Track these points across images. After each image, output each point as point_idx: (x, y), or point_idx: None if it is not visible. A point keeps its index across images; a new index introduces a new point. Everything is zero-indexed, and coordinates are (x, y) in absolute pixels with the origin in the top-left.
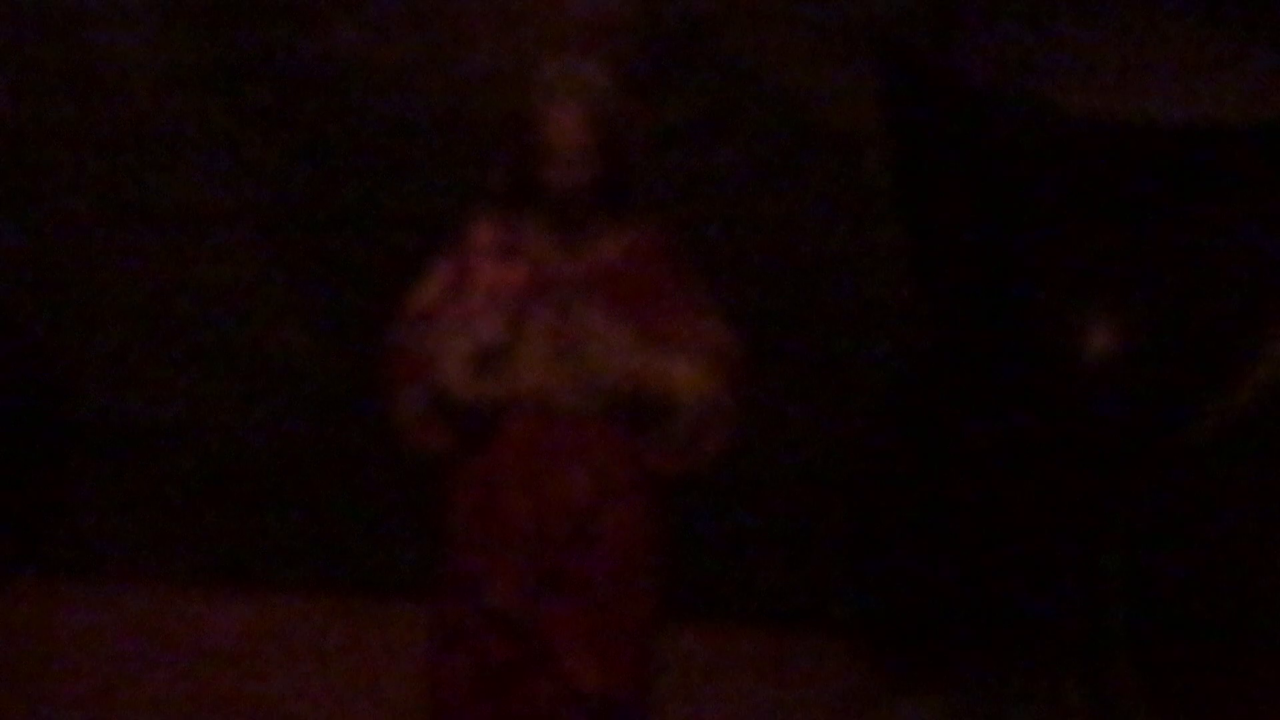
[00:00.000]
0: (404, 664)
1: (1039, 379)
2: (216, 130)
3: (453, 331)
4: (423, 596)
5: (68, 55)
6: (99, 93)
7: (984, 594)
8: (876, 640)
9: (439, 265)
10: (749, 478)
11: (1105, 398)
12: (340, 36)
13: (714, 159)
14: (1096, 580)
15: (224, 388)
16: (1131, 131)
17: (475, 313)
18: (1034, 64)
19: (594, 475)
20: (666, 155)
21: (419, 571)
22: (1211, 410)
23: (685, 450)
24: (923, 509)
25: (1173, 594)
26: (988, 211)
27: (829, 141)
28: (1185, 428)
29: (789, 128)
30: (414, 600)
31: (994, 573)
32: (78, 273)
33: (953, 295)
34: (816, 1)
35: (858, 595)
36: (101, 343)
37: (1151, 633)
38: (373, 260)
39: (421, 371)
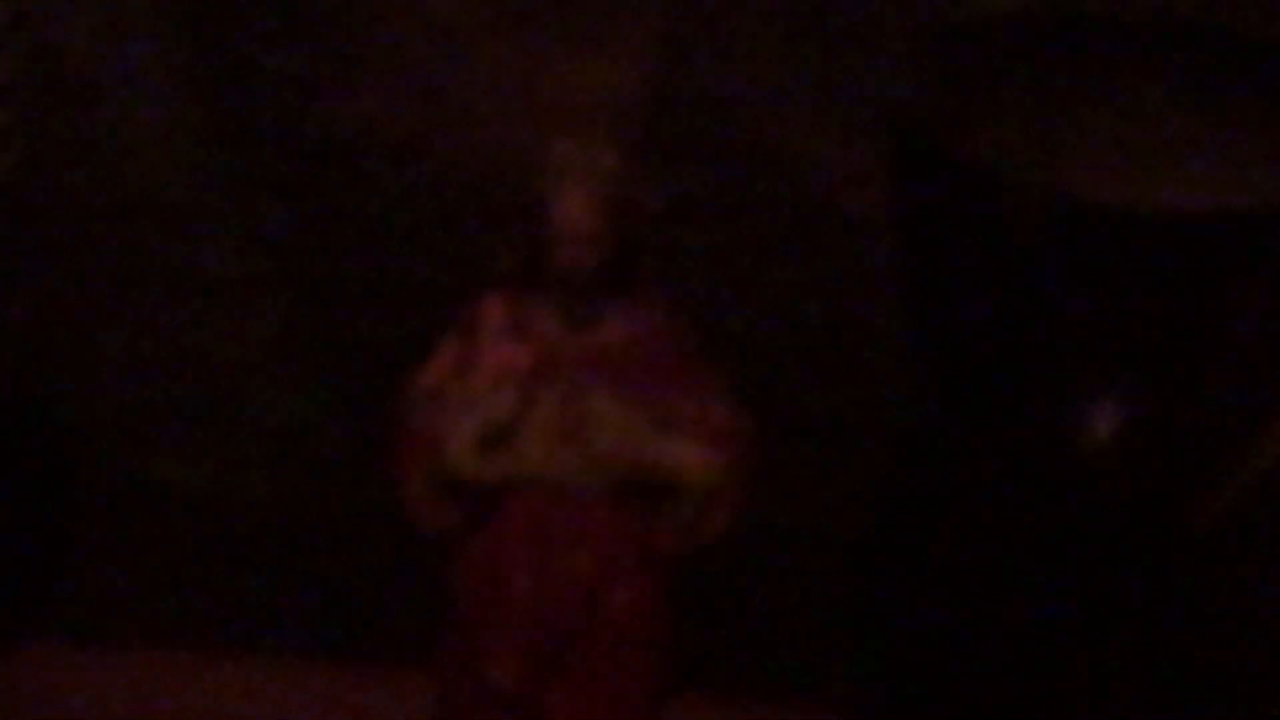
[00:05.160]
0: None
1: (1041, 461)
2: (227, 199)
3: (460, 410)
4: (430, 666)
5: (79, 123)
6: (110, 160)
7: (987, 672)
8: (877, 715)
9: (446, 343)
10: (752, 550)
11: (1109, 481)
12: (350, 107)
13: (728, 234)
14: (1102, 662)
15: (233, 455)
16: (1138, 218)
17: (482, 391)
18: (1043, 149)
19: (599, 555)
20: (679, 230)
21: (426, 641)
22: (1217, 494)
23: (691, 531)
24: (926, 586)
25: (1178, 677)
26: (993, 294)
27: (844, 220)
28: (1190, 512)
29: (804, 205)
30: (421, 669)
31: (997, 651)
32: (87, 339)
33: (957, 376)
34: (835, 81)
35: (859, 669)
36: (110, 409)
37: (1157, 712)
38: (381, 330)
39: (428, 449)
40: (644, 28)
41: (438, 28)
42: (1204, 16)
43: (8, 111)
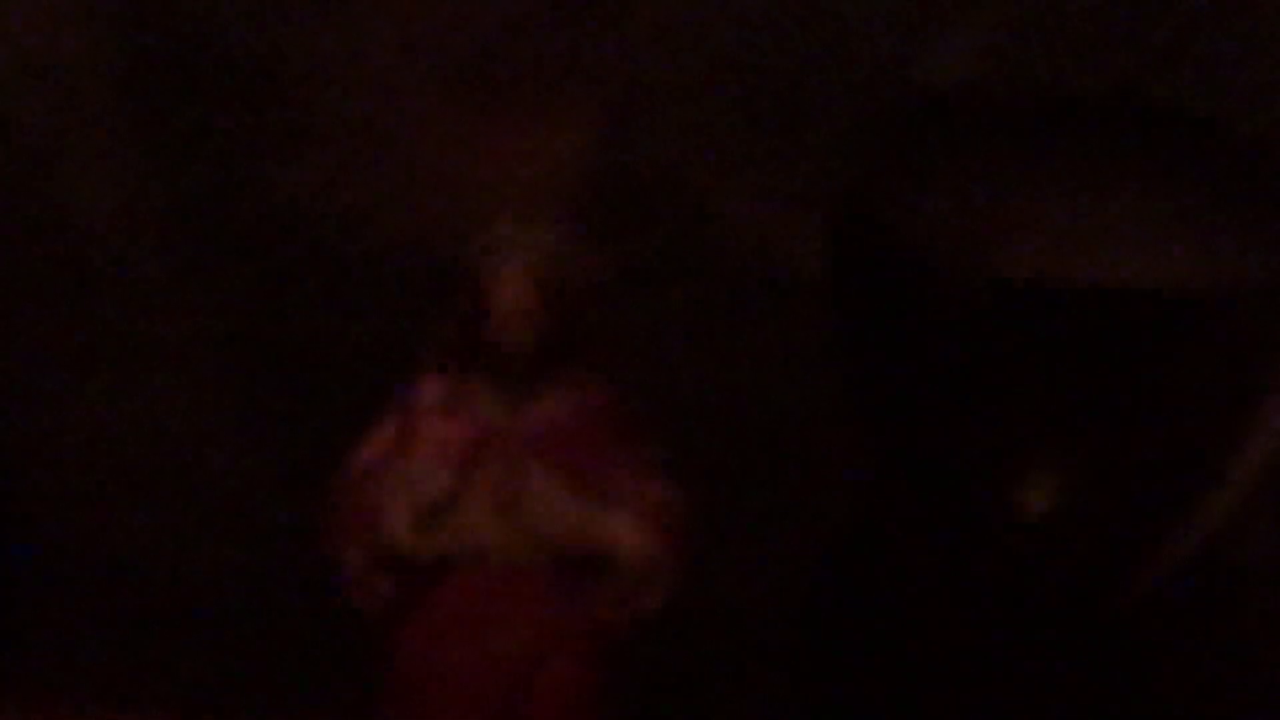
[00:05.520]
0: None
1: (980, 534)
2: (177, 268)
3: (397, 486)
4: None
5: (30, 191)
6: (61, 229)
7: None
8: None
9: (384, 420)
10: (691, 622)
11: (1049, 556)
12: (299, 178)
13: (672, 304)
14: None
15: (182, 521)
16: (1072, 296)
17: (420, 468)
18: (988, 225)
19: (537, 629)
20: (623, 300)
21: (368, 712)
22: (1155, 567)
23: (628, 606)
24: (867, 658)
25: None
26: (931, 369)
27: (789, 289)
28: (1129, 586)
29: (749, 275)
30: None
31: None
32: (36, 406)
33: (897, 449)
34: (781, 152)
35: None
36: (59, 476)
37: None
38: (330, 398)
39: (365, 525)
40: (591, 97)
41: (387, 96)
42: (1154, 92)
43: None
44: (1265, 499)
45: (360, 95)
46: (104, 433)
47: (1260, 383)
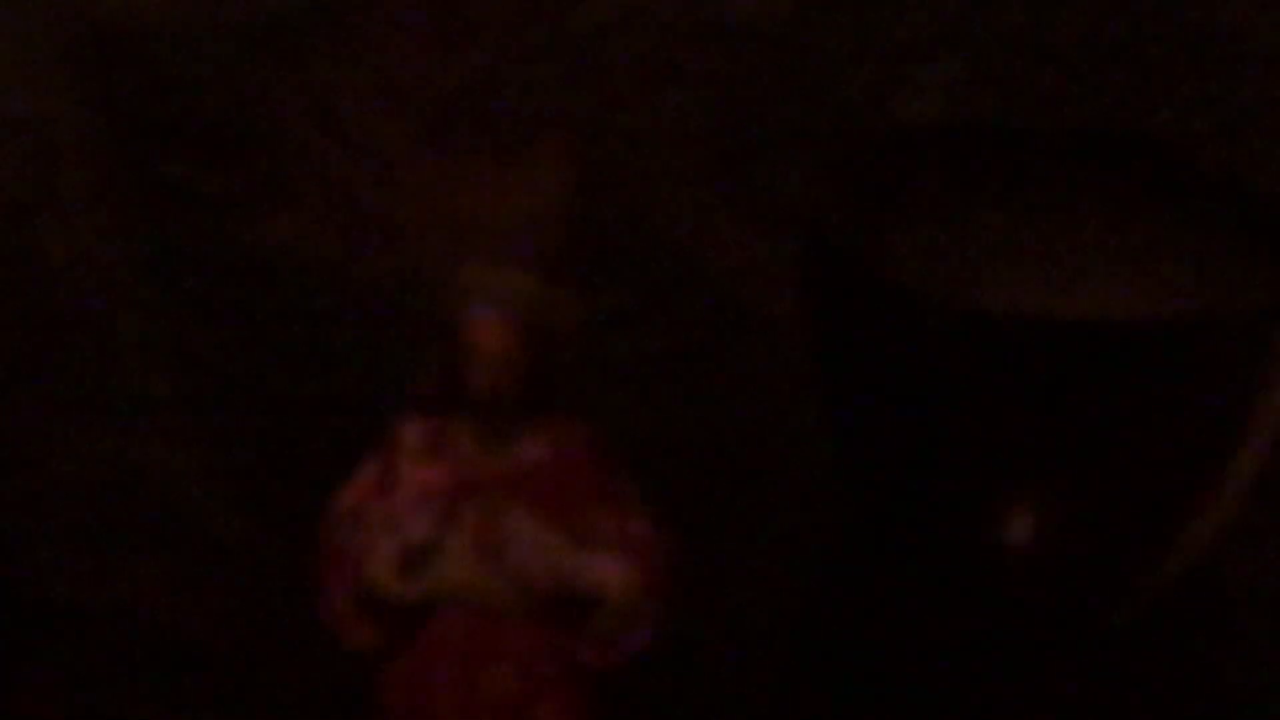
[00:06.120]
0: None
1: (961, 563)
2: (155, 319)
3: (380, 530)
4: None
5: (6, 244)
6: (38, 283)
7: None
8: None
9: (366, 464)
10: (678, 658)
11: (1027, 582)
12: (275, 228)
13: (650, 345)
14: None
15: (164, 572)
16: (1045, 328)
17: (402, 512)
18: (957, 258)
19: (522, 672)
20: (602, 342)
21: None
22: (1133, 593)
23: (614, 645)
24: (853, 691)
25: None
26: (907, 401)
27: (767, 326)
28: (1108, 611)
29: (726, 313)
30: None
31: None
32: (17, 460)
33: (876, 480)
34: (755, 190)
35: None
36: (41, 529)
37: None
38: (309, 446)
39: (349, 570)
40: (564, 144)
41: (361, 149)
42: (1122, 126)
43: None
44: (1249, 520)
45: (336, 147)
46: (85, 484)
47: (1238, 408)
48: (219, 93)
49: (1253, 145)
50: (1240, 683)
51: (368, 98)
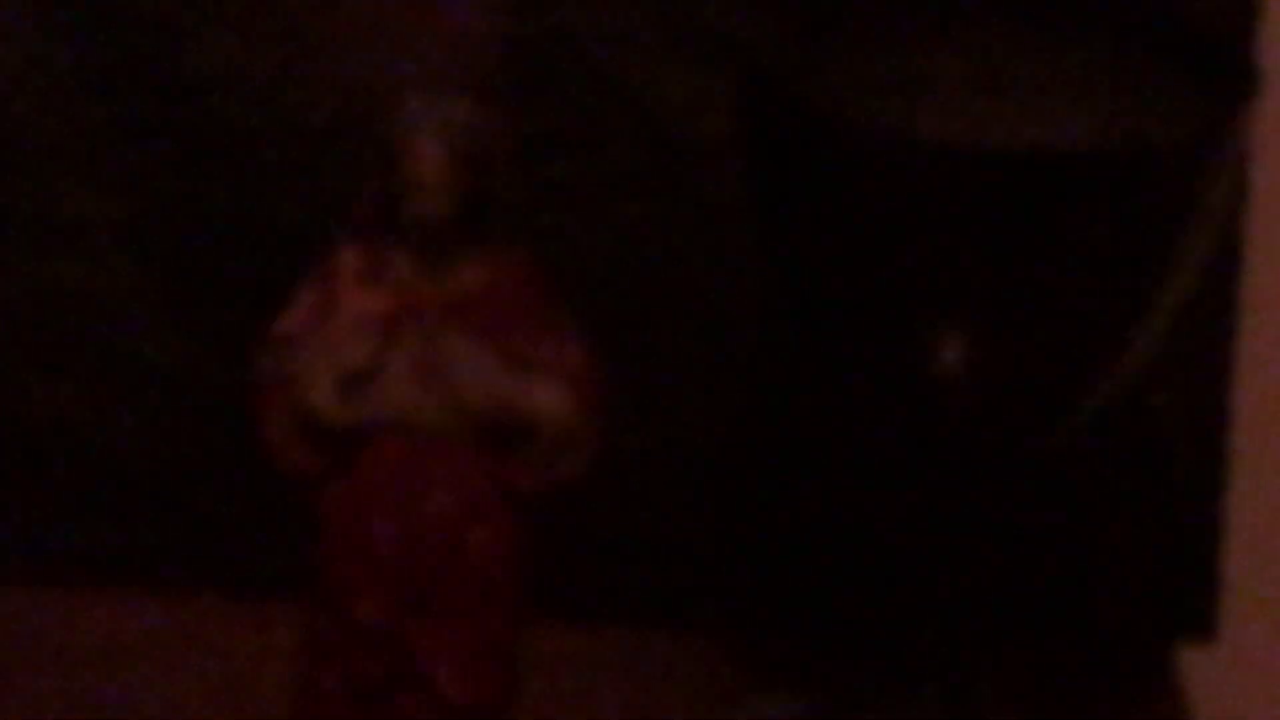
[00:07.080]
0: (280, 666)
1: (893, 390)
2: (89, 140)
3: (319, 356)
4: (298, 601)
5: None
6: None
7: (845, 595)
8: (738, 640)
9: (304, 291)
10: (611, 480)
11: (962, 407)
12: (212, 48)
13: (579, 170)
14: (957, 581)
15: (96, 393)
16: (974, 157)
17: (341, 338)
18: (891, 89)
19: (459, 497)
20: (531, 168)
21: (295, 577)
22: (1067, 416)
23: (546, 471)
24: (786, 511)
25: (1033, 595)
26: (838, 230)
27: (694, 151)
28: (1041, 433)
29: (654, 139)
30: (290, 604)
31: (855, 574)
32: None
33: (807, 307)
34: (682, 16)
35: (720, 595)
36: None
37: (1011, 634)
38: (243, 269)
39: (289, 395)
40: None
41: None
42: None
43: None
44: (1176, 348)
45: None
46: (17, 304)
47: (1168, 238)
48: None
49: None
50: (1165, 502)
51: None
